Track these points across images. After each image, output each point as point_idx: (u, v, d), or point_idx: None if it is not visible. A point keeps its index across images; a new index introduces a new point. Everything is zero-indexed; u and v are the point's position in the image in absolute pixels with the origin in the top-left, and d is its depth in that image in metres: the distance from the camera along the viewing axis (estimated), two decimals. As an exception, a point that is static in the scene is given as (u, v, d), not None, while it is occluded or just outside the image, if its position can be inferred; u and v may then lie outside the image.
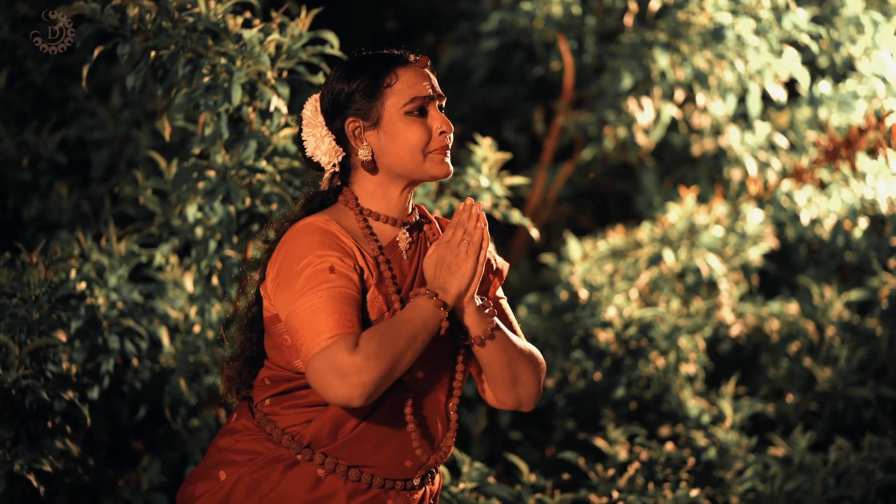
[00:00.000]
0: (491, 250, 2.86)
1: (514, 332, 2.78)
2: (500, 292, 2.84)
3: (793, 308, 5.65)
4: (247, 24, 3.68)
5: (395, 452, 2.64)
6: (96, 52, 3.49)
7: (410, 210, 2.76)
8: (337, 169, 2.70)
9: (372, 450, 2.62)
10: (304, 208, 2.73)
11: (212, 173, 3.68)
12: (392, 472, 2.65)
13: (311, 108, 2.72)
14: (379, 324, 2.54)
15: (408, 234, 2.72)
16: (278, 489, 2.61)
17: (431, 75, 2.71)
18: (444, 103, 2.72)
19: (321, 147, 2.69)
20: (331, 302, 2.51)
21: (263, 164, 3.68)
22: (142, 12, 3.46)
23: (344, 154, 2.70)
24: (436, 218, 2.86)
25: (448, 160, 2.69)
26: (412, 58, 2.70)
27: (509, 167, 5.32)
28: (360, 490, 2.62)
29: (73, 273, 3.82)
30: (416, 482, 2.69)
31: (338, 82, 2.68)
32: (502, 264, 2.87)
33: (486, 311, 2.65)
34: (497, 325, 2.67)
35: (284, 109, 3.68)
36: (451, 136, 2.69)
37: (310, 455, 2.61)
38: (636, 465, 4.38)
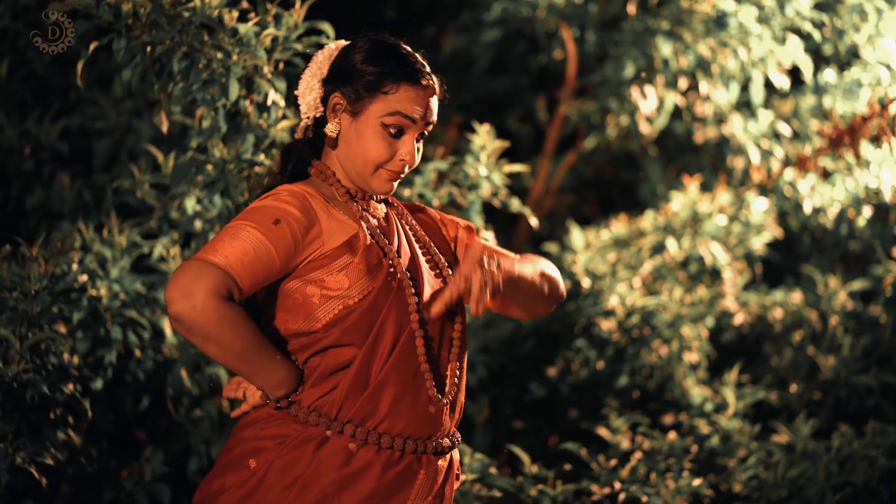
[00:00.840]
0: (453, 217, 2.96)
1: (504, 255, 2.81)
2: (478, 239, 2.89)
3: (796, 297, 5.64)
4: (242, 17, 3.67)
5: (420, 395, 2.66)
6: (91, 48, 3.49)
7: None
8: (310, 122, 2.75)
9: (400, 394, 2.63)
10: (281, 161, 2.79)
11: (210, 167, 3.68)
12: (419, 424, 2.65)
13: (326, 55, 2.76)
14: (251, 324, 2.56)
15: (378, 204, 2.79)
16: (311, 469, 2.60)
17: (432, 103, 2.72)
18: (427, 132, 2.74)
19: (307, 96, 2.75)
20: (249, 241, 2.55)
21: (261, 157, 3.67)
22: (136, 7, 3.45)
23: (321, 114, 2.75)
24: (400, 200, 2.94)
25: (395, 183, 2.73)
26: (424, 81, 2.70)
27: (512, 156, 5.31)
28: (393, 460, 2.63)
29: (74, 265, 3.82)
30: (446, 443, 2.71)
31: (358, 55, 2.70)
32: (462, 221, 2.94)
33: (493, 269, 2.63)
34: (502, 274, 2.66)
35: (282, 102, 3.68)
36: (409, 167, 2.71)
37: (339, 427, 2.61)
38: (638, 454, 4.38)
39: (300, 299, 2.62)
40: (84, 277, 3.86)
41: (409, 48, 2.76)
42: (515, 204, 4.43)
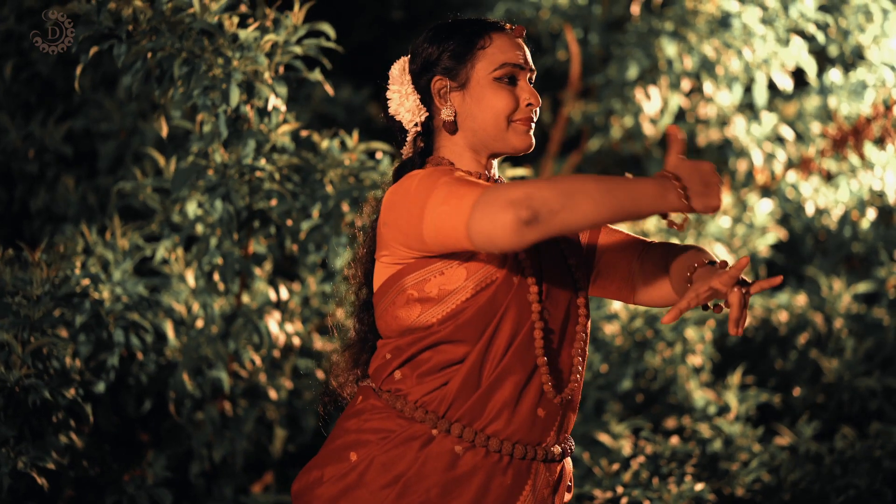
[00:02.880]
0: None
1: (637, 239, 2.72)
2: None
3: (801, 299, 5.63)
4: (242, 23, 3.68)
5: (531, 397, 2.54)
6: (91, 53, 3.49)
7: (498, 176, 2.70)
8: (419, 129, 2.65)
9: (512, 397, 2.51)
10: (394, 180, 2.67)
11: (211, 172, 3.68)
12: (528, 428, 2.54)
13: (399, 67, 2.68)
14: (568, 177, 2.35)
15: None
16: (415, 469, 2.50)
17: (525, 47, 2.65)
18: (534, 77, 2.66)
19: (405, 104, 2.65)
20: (462, 180, 2.42)
21: (262, 161, 3.67)
22: (136, 13, 3.45)
23: (427, 114, 2.65)
24: None
25: (531, 133, 2.63)
26: (508, 26, 2.64)
27: (516, 157, 5.30)
28: (500, 468, 2.52)
29: (77, 269, 3.83)
30: (557, 450, 2.59)
31: (428, 43, 2.64)
32: None
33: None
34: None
35: (283, 107, 3.68)
36: (538, 110, 2.63)
37: (447, 426, 2.50)
38: (641, 459, 4.38)
39: (416, 295, 2.52)
40: (86, 281, 3.86)
41: None
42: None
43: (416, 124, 2.65)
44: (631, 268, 2.71)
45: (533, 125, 2.63)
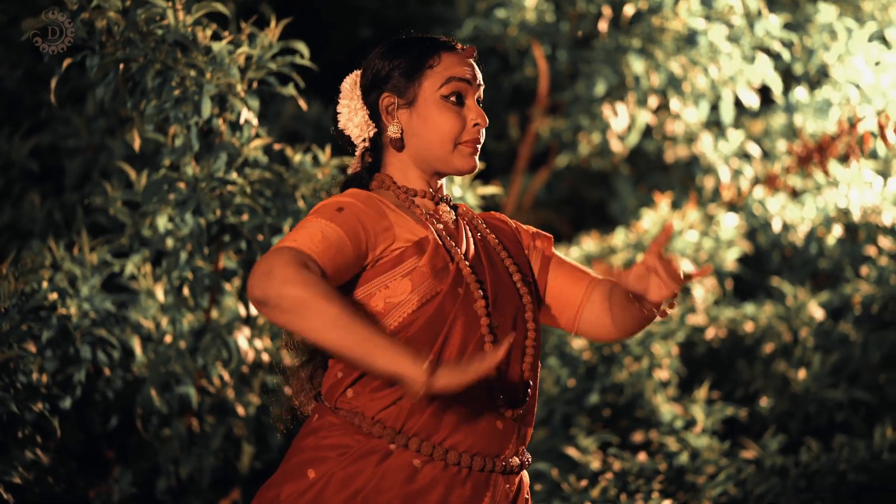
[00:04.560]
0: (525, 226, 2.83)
1: (582, 271, 2.73)
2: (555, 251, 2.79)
3: (767, 310, 5.67)
4: (216, 36, 3.67)
5: (487, 410, 2.53)
6: (65, 65, 3.48)
7: (445, 192, 2.70)
8: (367, 145, 2.65)
9: (466, 410, 2.50)
10: (341, 191, 2.67)
11: (182, 185, 3.67)
12: (487, 441, 2.53)
13: (351, 81, 2.69)
14: (341, 297, 2.39)
15: (449, 209, 2.67)
16: (374, 483, 2.48)
17: (476, 66, 2.65)
18: (481, 95, 2.66)
19: (354, 120, 2.66)
20: (315, 228, 2.44)
21: (234, 175, 3.66)
22: (109, 24, 3.44)
23: (375, 130, 2.65)
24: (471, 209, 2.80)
25: (476, 156, 2.64)
26: (459, 46, 2.65)
27: (485, 173, 5.32)
28: (458, 480, 2.50)
29: (44, 284, 3.80)
30: (515, 462, 2.58)
31: (379, 59, 2.64)
32: (545, 234, 2.81)
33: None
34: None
35: (255, 121, 3.67)
36: (484, 131, 2.63)
37: (404, 441, 2.49)
38: (609, 475, 4.39)
39: (364, 309, 2.52)
40: (54, 296, 3.84)
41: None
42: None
43: (364, 140, 2.66)
44: (578, 299, 2.72)
45: (478, 147, 2.64)
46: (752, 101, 5.90)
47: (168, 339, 4.15)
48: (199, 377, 4.20)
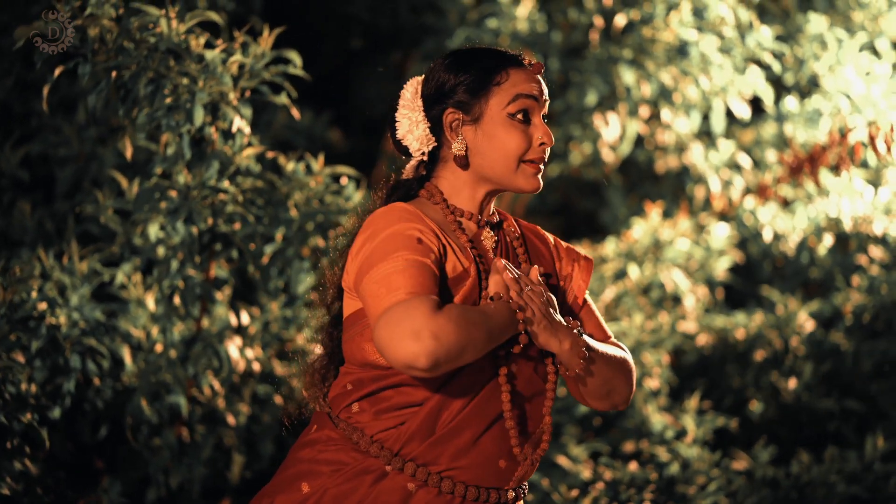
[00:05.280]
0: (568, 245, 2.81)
1: (602, 330, 2.71)
2: (586, 293, 2.77)
3: (758, 318, 5.67)
4: (209, 44, 3.67)
5: (490, 449, 2.52)
6: (57, 72, 3.46)
7: (492, 212, 2.68)
8: (425, 158, 2.63)
9: (468, 446, 2.50)
10: (386, 198, 2.64)
11: (174, 193, 3.66)
12: (486, 476, 2.52)
13: (412, 90, 2.64)
14: (464, 305, 2.43)
15: (492, 233, 2.64)
16: (367, 503, 2.48)
17: (542, 82, 2.62)
18: (547, 111, 2.63)
19: (414, 132, 2.62)
20: (413, 266, 2.41)
21: (226, 184, 3.66)
22: (102, 32, 3.43)
23: (435, 144, 2.62)
24: (516, 221, 2.77)
25: (540, 176, 2.62)
26: (527, 61, 2.62)
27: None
28: None
29: (33, 293, 3.79)
30: (511, 495, 2.57)
31: (445, 71, 2.60)
32: (585, 257, 2.79)
33: (581, 348, 2.53)
34: (589, 350, 2.56)
35: (247, 130, 3.66)
36: (548, 150, 2.61)
37: (400, 464, 2.49)
38: (600, 485, 4.38)
39: None
40: (43, 305, 3.82)
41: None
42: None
43: (422, 153, 2.63)
44: None
45: (542, 167, 2.61)
46: (743, 111, 5.91)
47: (158, 348, 4.14)
48: (190, 386, 4.19)
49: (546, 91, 2.63)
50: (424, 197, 2.64)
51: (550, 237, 2.79)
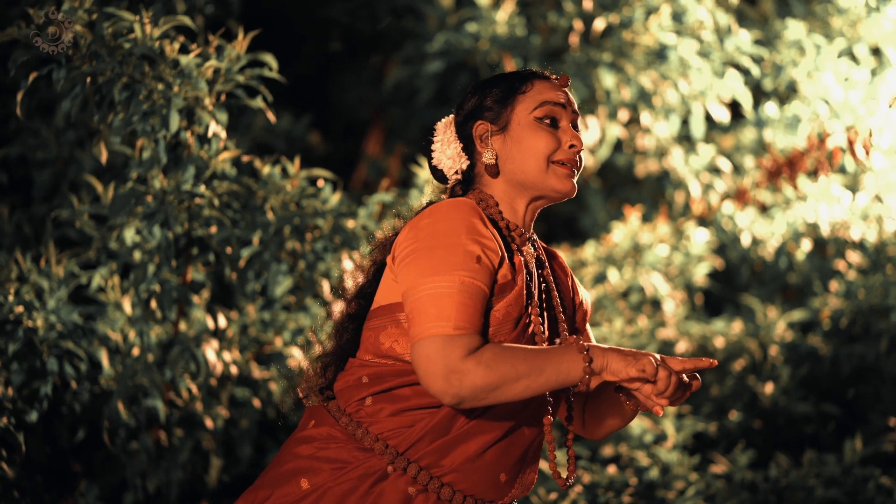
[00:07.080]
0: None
1: None
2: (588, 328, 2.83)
3: (737, 326, 5.69)
4: (184, 49, 3.66)
5: (494, 461, 2.54)
6: (31, 78, 3.46)
7: (532, 229, 2.70)
8: (459, 177, 2.65)
9: (475, 454, 2.52)
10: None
11: (150, 198, 3.66)
12: (485, 487, 2.54)
13: (447, 120, 2.69)
14: (513, 344, 2.47)
15: (532, 249, 2.66)
16: (368, 503, 2.49)
17: (570, 93, 2.66)
18: (578, 121, 2.66)
19: (446, 152, 2.65)
20: (467, 292, 2.43)
21: (202, 188, 3.65)
22: (77, 38, 3.43)
23: (469, 162, 2.65)
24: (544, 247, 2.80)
25: (574, 179, 2.64)
26: (553, 75, 2.66)
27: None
28: None
29: (10, 296, 3.77)
30: None
31: (472, 94, 2.65)
32: (587, 296, 2.84)
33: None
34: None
35: (223, 134, 3.66)
36: (582, 155, 2.64)
37: (404, 465, 2.50)
38: (579, 488, 4.39)
39: (407, 329, 2.53)
40: (20, 308, 3.81)
41: None
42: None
43: (456, 172, 2.65)
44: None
45: (576, 170, 2.63)
46: (723, 115, 5.93)
47: (136, 351, 4.13)
48: (167, 390, 4.18)
49: (575, 103, 2.67)
50: (473, 197, 2.65)
51: (566, 264, 2.83)
